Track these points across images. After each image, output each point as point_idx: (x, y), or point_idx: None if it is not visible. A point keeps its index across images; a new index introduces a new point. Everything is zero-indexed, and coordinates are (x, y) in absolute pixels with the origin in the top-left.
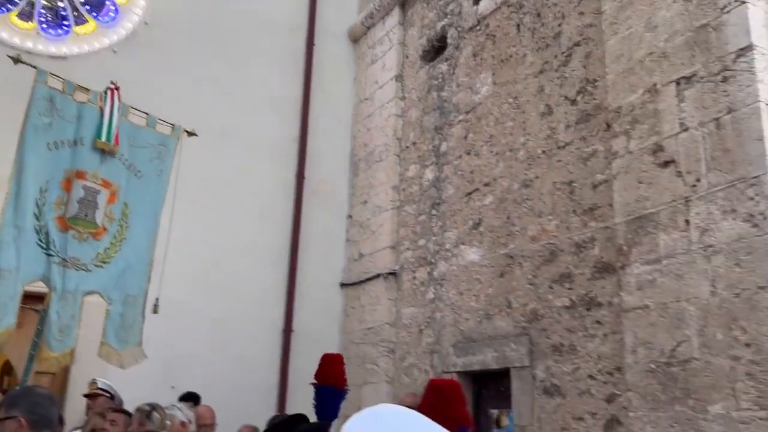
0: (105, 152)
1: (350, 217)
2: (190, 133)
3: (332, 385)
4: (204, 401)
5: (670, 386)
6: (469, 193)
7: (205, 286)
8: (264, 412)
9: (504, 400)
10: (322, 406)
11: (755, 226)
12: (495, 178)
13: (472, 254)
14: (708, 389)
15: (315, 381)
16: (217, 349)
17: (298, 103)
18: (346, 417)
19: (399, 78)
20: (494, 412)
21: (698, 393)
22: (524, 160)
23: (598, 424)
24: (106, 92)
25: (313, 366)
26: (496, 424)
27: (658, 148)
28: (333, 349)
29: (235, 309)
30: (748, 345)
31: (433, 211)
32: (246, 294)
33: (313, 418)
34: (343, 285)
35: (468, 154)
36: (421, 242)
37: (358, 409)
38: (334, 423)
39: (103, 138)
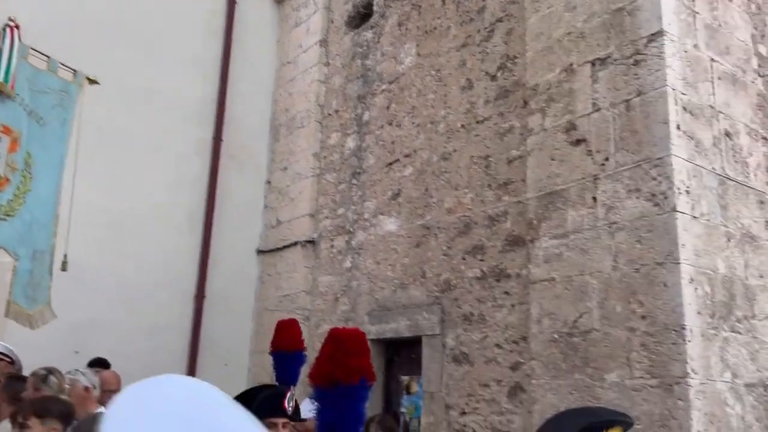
0: (2, 94)
1: (269, 183)
2: (92, 81)
3: (288, 350)
4: (113, 367)
5: (571, 355)
6: (390, 164)
7: (113, 247)
8: None
9: (415, 367)
10: (280, 372)
11: (656, 205)
12: (415, 150)
13: (390, 224)
14: (605, 359)
15: (271, 349)
16: (125, 314)
17: (217, 63)
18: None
19: (323, 43)
20: (405, 378)
21: (596, 362)
22: (444, 133)
23: (502, 390)
24: (4, 30)
25: (226, 332)
26: (406, 390)
27: (571, 127)
28: (246, 316)
29: (145, 273)
30: (644, 317)
31: (354, 180)
32: (157, 258)
33: None
34: (259, 252)
35: (390, 124)
36: (341, 211)
37: (271, 376)
38: (294, 388)
39: (0, 78)
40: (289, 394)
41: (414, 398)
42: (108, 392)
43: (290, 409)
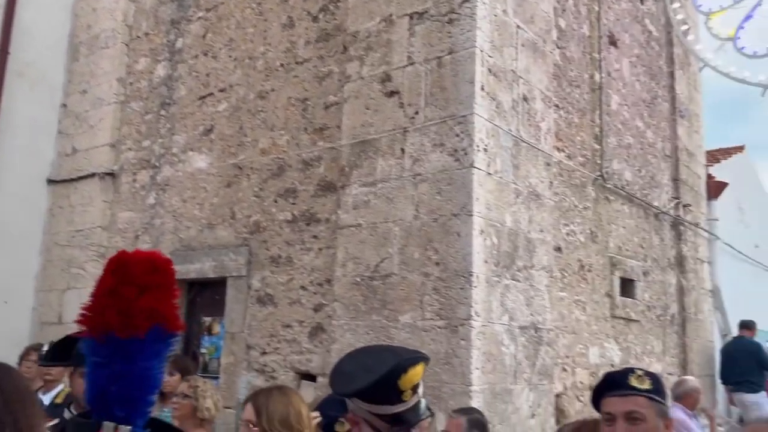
0: None
1: (64, 106)
2: None
3: None
4: None
5: (371, 298)
6: (203, 97)
7: None
8: None
9: (218, 308)
10: None
11: (457, 160)
12: (231, 85)
13: (200, 161)
14: (401, 301)
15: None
16: None
17: None
18: None
19: None
20: (207, 320)
21: (393, 304)
22: (262, 71)
23: (304, 331)
24: None
25: (7, 267)
26: (207, 331)
27: (386, 78)
28: (33, 251)
29: None
30: (438, 264)
31: (162, 112)
32: None
33: None
34: (50, 181)
35: (205, 55)
36: (146, 143)
37: (59, 316)
38: None
39: None
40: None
41: (215, 339)
42: None
43: None
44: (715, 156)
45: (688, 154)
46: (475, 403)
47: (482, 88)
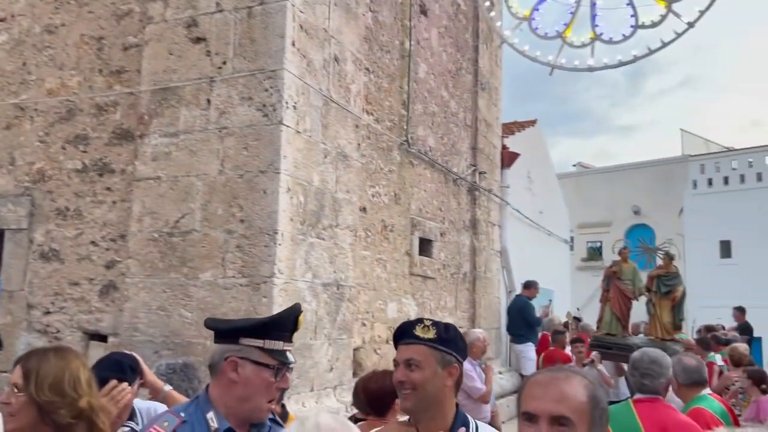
0: None
1: None
2: None
3: None
4: None
5: (169, 255)
6: None
7: None
8: None
9: None
10: None
11: (265, 115)
12: (13, 15)
13: None
14: (202, 259)
15: None
16: None
17: None
18: None
19: None
20: None
21: (193, 262)
22: (51, 2)
23: (94, 289)
24: None
25: None
26: None
27: (192, 23)
28: None
29: None
30: (242, 221)
31: None
32: None
33: None
34: None
35: None
36: None
37: None
38: None
39: None
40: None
41: None
42: None
43: None
44: (510, 128)
45: (487, 125)
46: None
47: (293, 44)
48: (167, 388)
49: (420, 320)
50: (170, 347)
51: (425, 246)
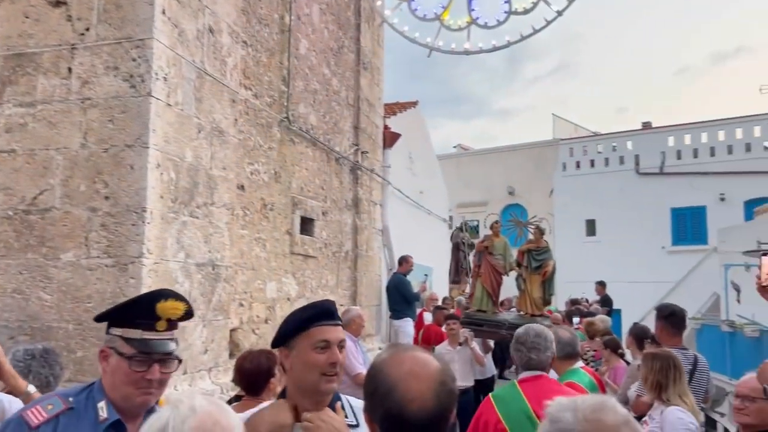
0: None
1: None
2: None
3: None
4: None
5: (26, 234)
6: None
7: None
8: None
9: None
10: None
11: (133, 87)
12: None
13: None
14: (63, 238)
15: None
16: None
17: None
18: None
19: None
20: None
21: (53, 241)
22: None
23: None
24: None
25: None
26: None
27: None
28: None
29: None
30: (107, 198)
31: None
32: None
33: None
34: None
35: None
36: None
37: None
38: None
39: None
40: None
41: None
42: None
43: None
44: (392, 108)
45: (369, 104)
46: None
47: (163, 12)
48: (31, 389)
49: (332, 302)
50: (28, 332)
51: (307, 225)
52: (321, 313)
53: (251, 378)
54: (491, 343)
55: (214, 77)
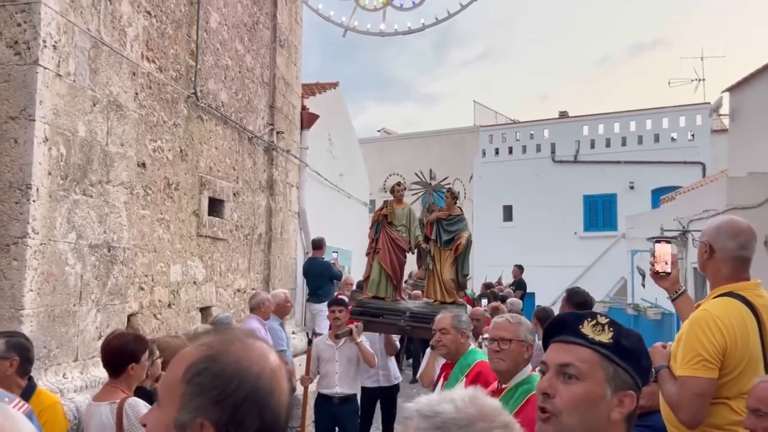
0: None
1: None
2: None
3: None
4: None
5: None
6: None
7: None
8: None
9: None
10: None
11: (17, 54)
12: None
13: None
14: None
15: None
16: None
17: None
18: None
19: None
20: None
21: None
22: None
23: None
24: None
25: None
26: None
27: None
28: None
29: None
30: None
31: None
32: None
33: None
34: None
35: None
36: None
37: None
38: None
39: None
40: None
41: None
42: None
43: None
44: (312, 89)
45: (286, 83)
46: (27, 327)
47: None
48: None
49: (593, 314)
50: None
51: (216, 206)
52: (556, 325)
53: (114, 357)
54: (397, 341)
55: (112, 48)
